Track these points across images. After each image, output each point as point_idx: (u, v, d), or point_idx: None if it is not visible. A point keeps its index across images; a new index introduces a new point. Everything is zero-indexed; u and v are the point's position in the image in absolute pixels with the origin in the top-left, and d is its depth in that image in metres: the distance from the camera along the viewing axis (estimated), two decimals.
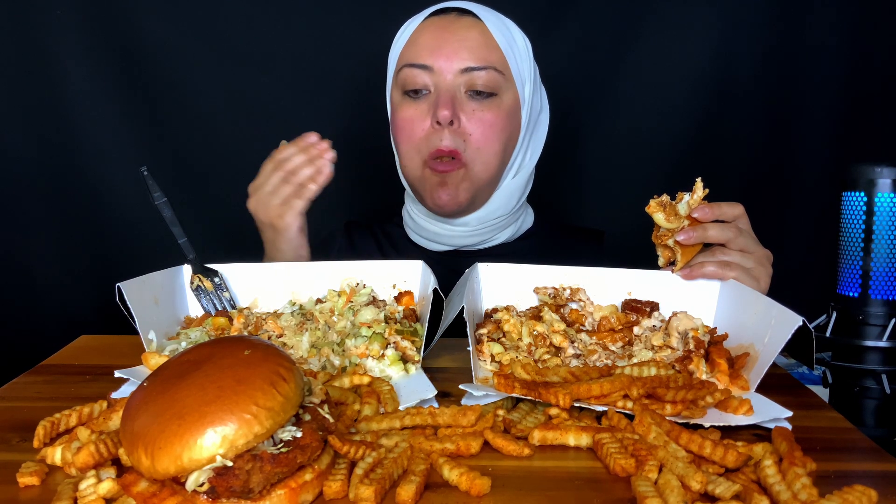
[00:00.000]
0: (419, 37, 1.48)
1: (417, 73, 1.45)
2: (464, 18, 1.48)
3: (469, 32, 1.45)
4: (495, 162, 1.47)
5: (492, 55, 1.45)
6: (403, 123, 1.48)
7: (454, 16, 1.48)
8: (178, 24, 2.04)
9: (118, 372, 0.98)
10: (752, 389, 0.98)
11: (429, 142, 1.44)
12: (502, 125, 1.46)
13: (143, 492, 0.67)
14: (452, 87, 1.44)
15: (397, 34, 1.55)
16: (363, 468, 0.72)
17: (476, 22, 1.47)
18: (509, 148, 1.50)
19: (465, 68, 1.43)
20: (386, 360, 1.05)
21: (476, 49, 1.44)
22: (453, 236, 1.55)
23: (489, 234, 1.57)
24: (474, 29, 1.46)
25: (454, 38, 1.44)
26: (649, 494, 0.68)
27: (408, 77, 1.46)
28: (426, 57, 1.45)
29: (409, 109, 1.47)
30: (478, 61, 1.43)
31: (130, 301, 1.06)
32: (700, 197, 1.14)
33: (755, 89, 2.14)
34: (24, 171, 2.04)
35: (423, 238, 1.59)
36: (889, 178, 1.17)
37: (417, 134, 1.46)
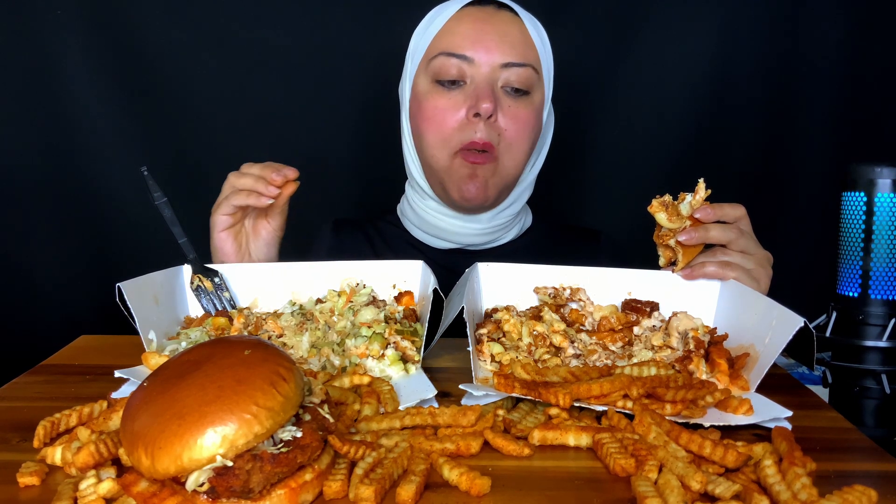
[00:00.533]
0: (457, 26, 1.45)
1: (455, 62, 1.42)
2: (503, 12, 1.46)
3: (509, 27, 1.44)
4: (523, 160, 1.48)
5: (529, 53, 1.44)
6: (433, 113, 1.45)
7: (493, 9, 1.47)
8: (179, 24, 2.04)
9: (118, 372, 0.98)
10: (753, 389, 0.98)
11: (462, 133, 1.42)
12: (533, 124, 1.47)
13: (143, 492, 0.67)
14: (491, 80, 1.42)
15: (426, 21, 1.52)
16: (363, 468, 0.72)
17: (515, 18, 1.46)
18: (533, 147, 1.51)
19: (506, 63, 1.41)
20: (386, 360, 1.05)
21: (516, 45, 1.43)
22: (464, 234, 1.54)
23: (499, 233, 1.56)
24: (514, 24, 1.45)
25: (495, 31, 1.43)
26: (649, 494, 0.68)
27: (444, 66, 1.43)
28: (467, 47, 1.42)
29: (441, 99, 1.44)
30: (518, 57, 1.42)
31: (130, 301, 1.06)
32: (702, 198, 1.14)
33: (755, 89, 2.14)
34: (24, 172, 2.04)
35: (427, 234, 1.58)
36: (889, 178, 1.17)
37: (449, 125, 1.43)
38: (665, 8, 2.11)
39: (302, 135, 2.12)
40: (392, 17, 2.03)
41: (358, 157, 2.17)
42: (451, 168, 1.45)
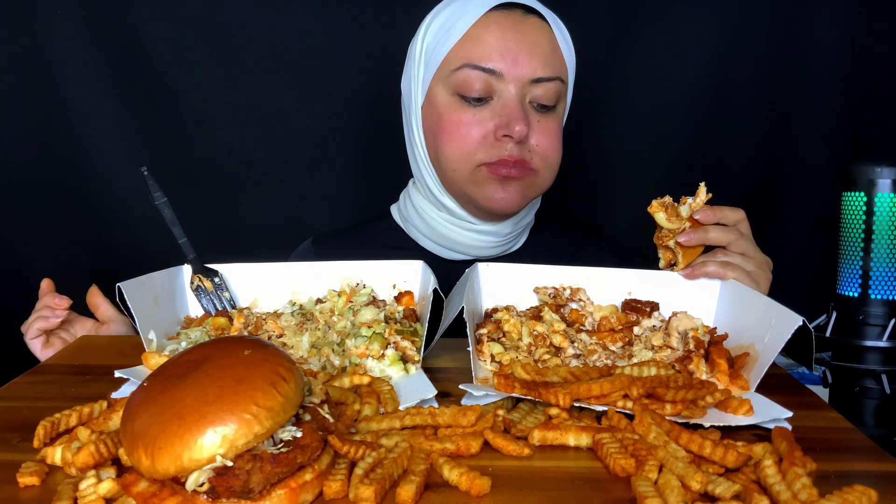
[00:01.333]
0: (483, 34, 1.34)
1: (483, 77, 1.32)
2: (531, 18, 1.36)
3: (539, 36, 1.35)
4: (556, 172, 1.43)
5: (558, 64, 1.37)
6: (456, 127, 1.35)
7: (520, 14, 1.36)
8: (179, 24, 2.04)
9: (118, 372, 0.98)
10: (752, 389, 0.98)
11: (487, 150, 1.34)
12: (560, 134, 1.42)
13: (143, 492, 0.67)
14: (520, 97, 1.34)
15: (441, 21, 1.40)
16: (363, 468, 0.72)
17: (544, 24, 1.37)
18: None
19: (535, 78, 1.33)
20: (386, 360, 1.05)
21: (547, 56, 1.35)
22: (477, 246, 1.47)
23: (510, 243, 1.52)
24: (543, 32, 1.36)
25: (525, 42, 1.33)
26: (649, 494, 0.68)
27: (468, 79, 1.33)
28: (494, 59, 1.32)
29: (466, 114, 1.35)
30: (548, 71, 1.34)
31: (130, 301, 1.06)
32: (703, 200, 1.15)
33: (755, 89, 2.15)
34: (24, 172, 2.04)
35: (436, 244, 1.50)
36: (889, 178, 1.17)
37: (474, 140, 1.34)
38: (665, 8, 2.11)
39: (302, 135, 2.12)
40: (392, 17, 2.03)
41: (358, 157, 2.17)
42: (477, 179, 1.37)
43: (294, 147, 2.12)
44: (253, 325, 1.16)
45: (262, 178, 2.13)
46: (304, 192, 2.15)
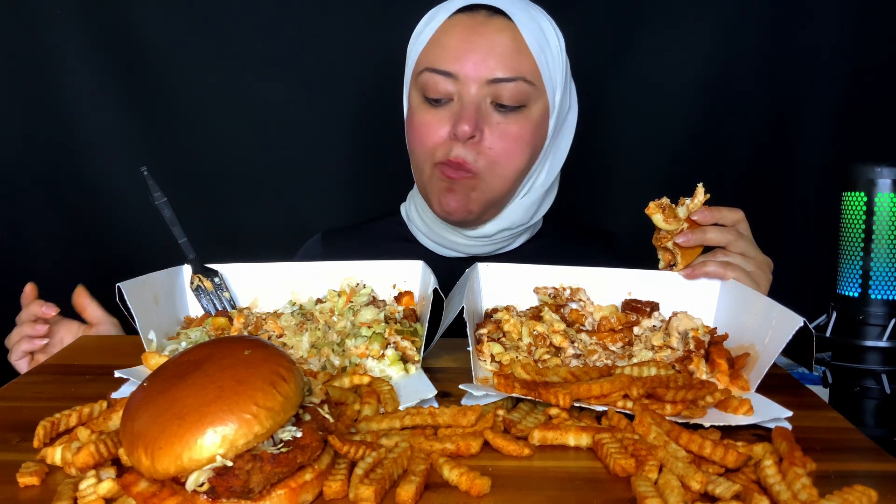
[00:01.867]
0: (444, 37, 1.37)
1: (440, 79, 1.35)
2: (494, 19, 1.36)
3: (499, 37, 1.34)
4: (513, 177, 1.39)
5: (523, 64, 1.34)
6: (419, 128, 1.39)
7: (484, 15, 1.36)
8: (179, 24, 2.04)
9: (118, 372, 0.98)
10: (753, 389, 0.98)
11: (443, 149, 1.36)
12: (528, 139, 1.37)
13: (143, 492, 0.67)
14: (477, 99, 1.34)
15: (419, 27, 1.44)
16: (363, 468, 0.72)
17: (508, 24, 1.35)
18: (532, 160, 1.42)
19: (493, 79, 1.33)
20: (386, 360, 1.05)
21: (506, 57, 1.33)
22: (470, 245, 1.49)
23: (506, 241, 1.52)
24: (505, 33, 1.34)
25: (483, 43, 1.33)
26: (649, 494, 0.68)
27: (429, 83, 1.36)
28: (451, 63, 1.34)
29: (427, 115, 1.38)
30: (507, 71, 1.33)
31: (130, 301, 1.06)
32: (701, 201, 1.15)
33: (755, 89, 2.14)
34: (24, 171, 2.04)
35: (434, 242, 1.53)
36: (889, 178, 1.17)
37: (433, 140, 1.37)
38: (665, 9, 2.11)
39: (302, 135, 2.12)
40: (393, 17, 2.03)
41: (358, 158, 2.17)
42: (431, 180, 1.40)
43: (294, 147, 2.12)
44: (253, 325, 1.16)
45: (262, 178, 2.13)
46: (303, 193, 2.15)
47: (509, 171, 1.38)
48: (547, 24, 1.41)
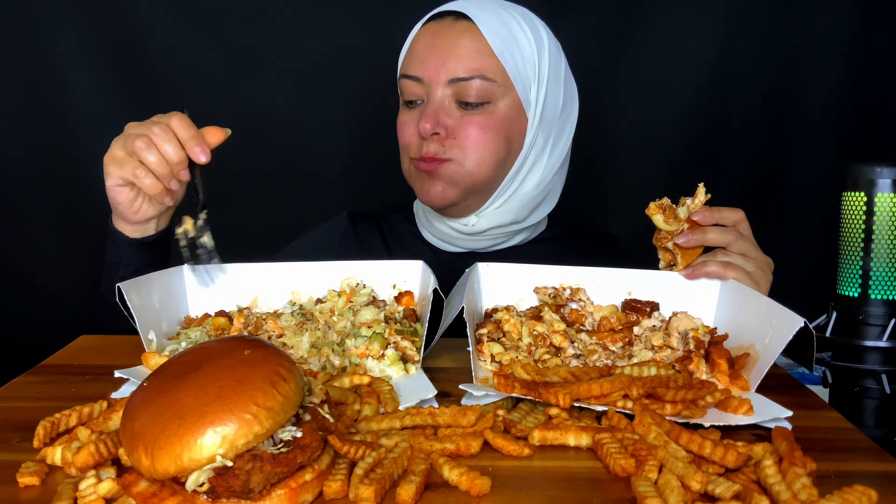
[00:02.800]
0: (415, 44, 1.46)
1: (410, 83, 1.44)
2: (459, 23, 1.42)
3: (460, 39, 1.40)
4: (490, 160, 1.42)
5: (483, 62, 1.40)
6: (399, 128, 1.49)
7: (449, 21, 1.43)
8: (179, 24, 2.04)
9: (118, 372, 0.98)
10: (753, 389, 0.98)
11: (416, 147, 1.44)
12: (496, 128, 1.42)
13: (143, 492, 0.67)
14: (440, 99, 1.41)
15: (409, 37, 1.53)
16: (363, 468, 0.72)
17: (469, 26, 1.41)
18: (511, 150, 1.45)
19: (453, 79, 1.39)
20: (386, 360, 1.05)
21: (465, 57, 1.39)
22: (464, 239, 1.53)
23: (502, 238, 1.54)
24: (466, 35, 1.40)
25: (444, 47, 1.41)
26: (649, 494, 0.68)
27: (403, 87, 1.47)
28: (416, 67, 1.43)
29: (404, 116, 1.48)
30: (466, 71, 1.39)
31: (130, 301, 1.06)
32: (701, 201, 1.15)
33: (755, 89, 2.15)
34: (24, 171, 2.04)
35: (436, 238, 1.57)
36: (889, 178, 1.16)
37: (407, 138, 1.47)
38: (665, 9, 2.11)
39: (302, 134, 2.12)
40: (393, 18, 2.03)
41: (359, 157, 2.17)
42: (411, 173, 1.49)
43: (294, 147, 2.12)
44: (253, 325, 1.16)
45: (263, 177, 2.13)
46: (304, 193, 2.15)
47: (481, 154, 1.42)
48: (517, 24, 1.44)
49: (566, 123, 1.53)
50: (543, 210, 1.55)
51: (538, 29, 1.46)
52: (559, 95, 1.49)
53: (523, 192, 1.49)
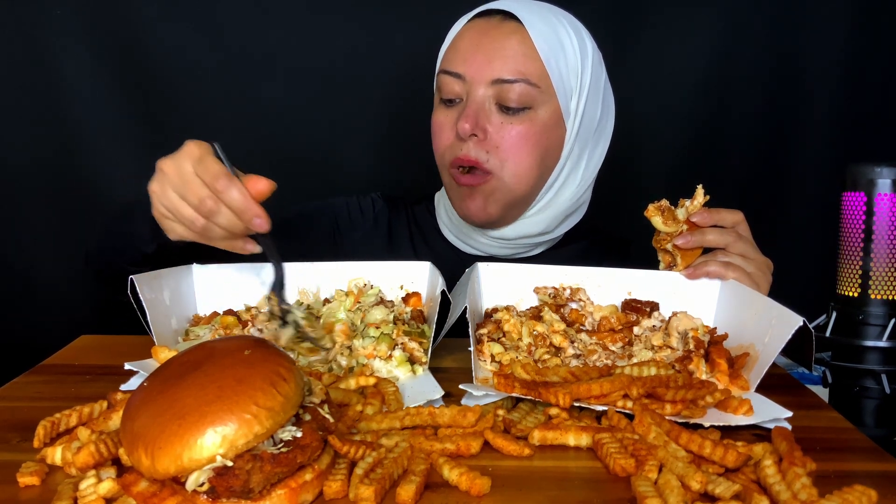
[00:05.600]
0: (458, 41, 1.41)
1: (451, 80, 1.39)
2: (507, 23, 1.38)
3: (508, 40, 1.36)
4: (529, 175, 1.38)
5: (529, 66, 1.35)
6: (435, 128, 1.44)
7: (497, 20, 1.39)
8: (179, 24, 2.04)
9: (128, 364, 0.98)
10: (752, 389, 0.98)
11: (452, 150, 1.39)
12: (536, 139, 1.37)
13: (143, 492, 0.67)
14: (482, 99, 1.36)
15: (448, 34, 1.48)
16: (363, 468, 0.72)
17: (518, 28, 1.37)
18: (548, 162, 1.41)
19: (496, 80, 1.35)
20: (393, 360, 1.05)
21: (511, 59, 1.35)
22: (490, 245, 1.49)
23: (526, 248, 1.51)
24: (514, 36, 1.36)
25: (490, 46, 1.36)
26: (649, 494, 0.68)
27: (443, 84, 1.41)
28: (460, 64, 1.38)
29: (441, 115, 1.42)
30: (511, 73, 1.35)
31: (142, 294, 1.05)
32: (700, 203, 1.15)
33: (755, 89, 2.14)
34: (24, 171, 2.04)
35: (458, 239, 1.54)
36: (889, 178, 1.16)
37: (444, 141, 1.41)
38: (665, 9, 2.11)
39: (302, 135, 2.12)
40: (394, 18, 2.03)
41: (361, 157, 2.16)
42: (451, 186, 1.43)
43: (295, 148, 2.12)
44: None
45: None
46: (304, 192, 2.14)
47: (522, 170, 1.38)
48: (565, 30, 1.41)
49: (601, 136, 1.50)
50: (572, 221, 1.52)
51: (584, 38, 1.43)
52: (597, 107, 1.47)
53: (557, 203, 1.46)
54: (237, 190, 0.99)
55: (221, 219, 1.01)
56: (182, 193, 1.02)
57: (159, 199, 1.05)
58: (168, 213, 1.05)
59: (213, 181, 0.99)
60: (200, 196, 0.99)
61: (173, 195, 1.02)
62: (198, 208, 1.00)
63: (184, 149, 1.03)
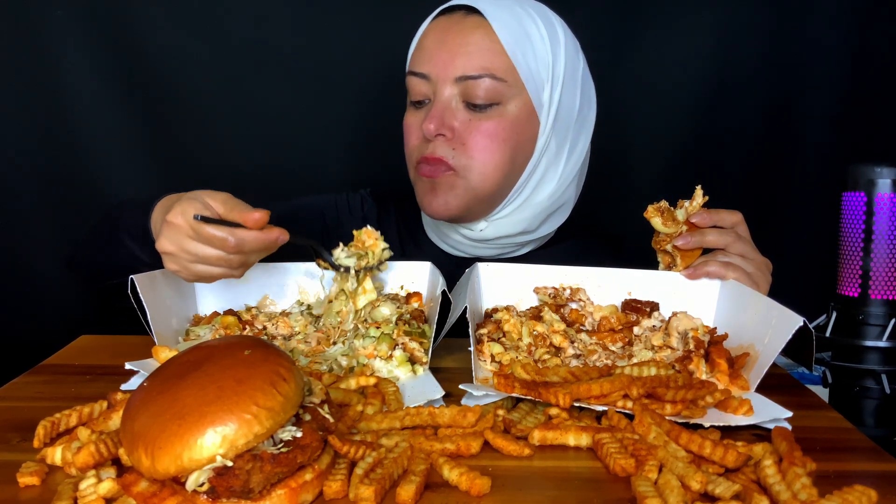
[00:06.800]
0: (424, 40, 1.38)
1: (417, 81, 1.36)
2: (470, 18, 1.34)
3: (471, 35, 1.33)
4: (496, 174, 1.35)
5: (494, 60, 1.32)
6: (405, 131, 1.41)
7: (460, 15, 1.36)
8: (180, 24, 2.04)
9: (129, 364, 0.98)
10: (752, 389, 0.98)
11: (420, 150, 1.37)
12: (505, 135, 1.34)
13: (144, 492, 0.67)
14: (447, 98, 1.33)
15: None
16: (363, 468, 0.72)
17: (481, 22, 1.33)
18: (519, 159, 1.37)
19: (460, 77, 1.32)
20: (394, 360, 1.05)
21: (475, 54, 1.32)
22: (472, 246, 1.46)
23: (512, 248, 1.48)
24: (477, 31, 1.33)
25: (453, 43, 1.33)
26: (649, 494, 0.68)
27: (410, 85, 1.39)
28: (424, 64, 1.35)
29: (410, 117, 1.40)
30: (475, 69, 1.31)
31: (143, 294, 1.05)
32: (699, 203, 1.15)
33: (755, 90, 2.14)
34: (24, 171, 2.04)
35: (443, 242, 1.51)
36: (889, 178, 1.17)
37: (413, 142, 1.39)
38: (664, 10, 2.11)
39: (303, 134, 2.12)
40: (396, 18, 2.03)
41: (361, 158, 2.16)
42: (416, 182, 1.40)
43: (296, 147, 2.12)
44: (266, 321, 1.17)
45: (264, 177, 2.12)
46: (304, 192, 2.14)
47: (489, 168, 1.34)
48: (532, 20, 1.37)
49: (583, 127, 1.44)
50: (555, 221, 1.47)
51: (554, 26, 1.39)
52: (575, 97, 1.41)
53: (536, 201, 1.41)
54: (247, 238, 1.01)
55: (253, 257, 1.06)
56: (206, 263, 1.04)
57: (186, 274, 1.07)
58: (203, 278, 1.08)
59: (222, 246, 1.01)
60: (222, 257, 1.03)
61: (198, 266, 1.05)
62: (229, 264, 1.05)
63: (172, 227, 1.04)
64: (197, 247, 1.02)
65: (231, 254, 1.02)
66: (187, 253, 1.03)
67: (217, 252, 1.02)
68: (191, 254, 1.03)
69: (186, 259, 1.04)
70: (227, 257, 1.02)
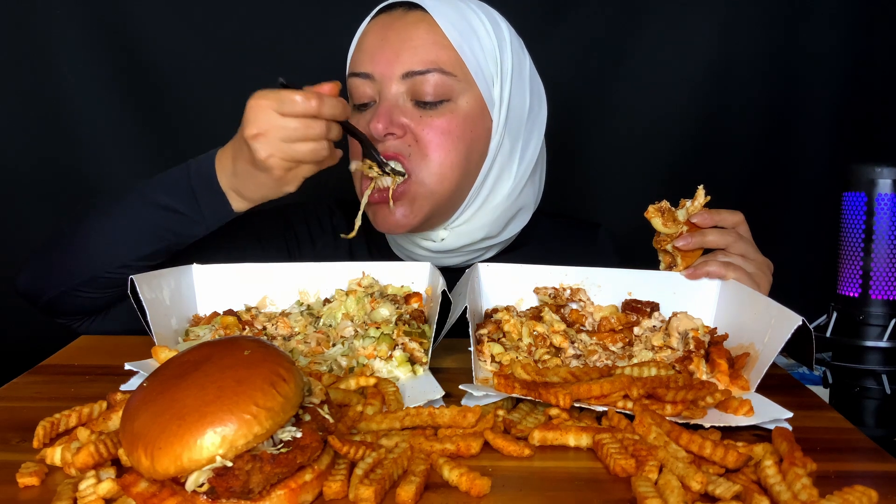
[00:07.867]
0: (364, 40, 1.33)
1: (360, 83, 1.30)
2: (411, 13, 1.30)
3: (414, 30, 1.28)
4: (453, 174, 1.29)
5: (441, 54, 1.27)
6: (351, 140, 1.32)
7: (401, 11, 1.31)
8: (179, 24, 2.04)
9: (128, 364, 0.98)
10: (753, 390, 0.98)
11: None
12: (459, 132, 1.28)
13: (143, 492, 0.67)
14: (394, 97, 1.28)
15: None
16: (363, 468, 0.72)
17: (424, 16, 1.29)
18: (474, 157, 1.32)
19: (407, 73, 1.26)
20: (394, 361, 1.05)
21: (420, 49, 1.26)
22: (436, 258, 1.39)
23: (475, 254, 1.42)
24: (421, 25, 1.28)
25: (396, 39, 1.28)
26: (649, 495, 0.68)
27: (353, 89, 1.32)
28: (367, 64, 1.29)
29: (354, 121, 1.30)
30: (421, 64, 1.26)
31: (142, 294, 1.06)
32: (701, 203, 1.15)
33: (755, 90, 2.14)
34: (24, 171, 2.04)
35: (406, 257, 1.44)
36: (889, 178, 1.17)
37: (359, 148, 1.28)
38: (664, 9, 2.11)
39: None
40: None
41: None
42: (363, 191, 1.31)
43: None
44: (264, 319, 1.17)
45: None
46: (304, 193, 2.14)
47: (445, 168, 1.29)
48: (475, 14, 1.33)
49: (534, 126, 1.39)
50: (518, 223, 1.43)
51: (498, 22, 1.35)
52: (525, 95, 1.36)
53: (494, 203, 1.37)
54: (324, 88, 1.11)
55: (334, 131, 1.12)
56: (293, 139, 1.10)
57: (279, 156, 1.10)
58: (292, 163, 1.12)
59: (305, 109, 1.08)
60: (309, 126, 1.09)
61: (289, 146, 1.10)
62: (316, 136, 1.10)
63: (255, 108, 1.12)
64: (283, 120, 1.08)
65: (313, 116, 1.08)
66: (276, 128, 1.08)
67: (301, 123, 1.08)
68: (279, 127, 1.08)
69: (276, 135, 1.09)
70: (312, 126, 1.08)
